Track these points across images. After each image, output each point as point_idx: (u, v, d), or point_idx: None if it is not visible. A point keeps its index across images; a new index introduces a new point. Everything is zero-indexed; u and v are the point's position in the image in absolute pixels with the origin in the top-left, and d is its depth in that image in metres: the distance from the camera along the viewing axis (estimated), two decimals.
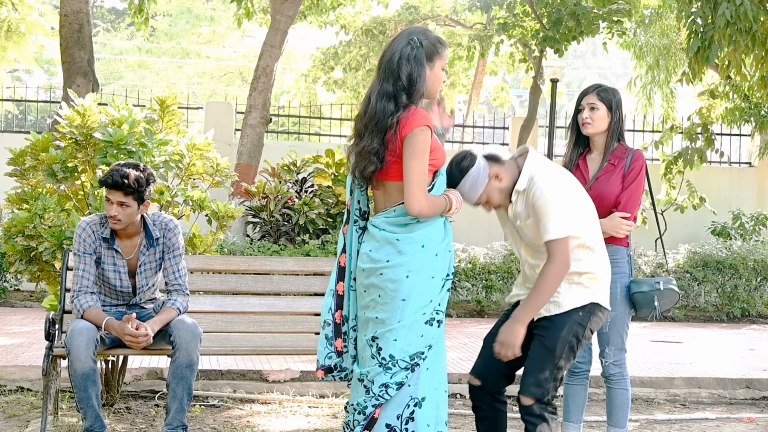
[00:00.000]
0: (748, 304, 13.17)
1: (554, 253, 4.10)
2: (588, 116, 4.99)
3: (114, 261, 5.18)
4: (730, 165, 18.80)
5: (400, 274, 3.94)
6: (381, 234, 4.05)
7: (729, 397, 7.65)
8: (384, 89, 4.06)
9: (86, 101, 6.41)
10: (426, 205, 3.92)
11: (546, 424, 4.15)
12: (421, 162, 3.92)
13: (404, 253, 3.97)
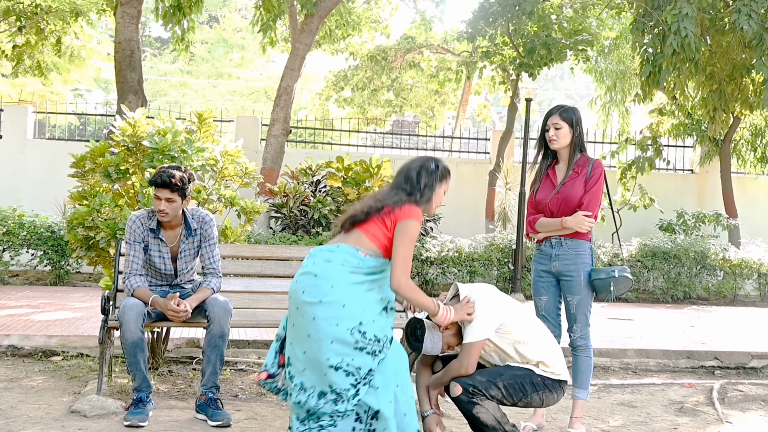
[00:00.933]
0: (690, 288, 13.19)
1: (463, 355, 4.24)
2: (554, 134, 5.03)
3: (159, 248, 5.26)
4: (675, 171, 18.80)
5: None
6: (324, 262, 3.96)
7: (673, 366, 7.66)
8: (400, 185, 4.18)
9: (136, 115, 6.45)
10: (405, 285, 3.91)
11: (477, 399, 4.17)
12: (409, 248, 3.97)
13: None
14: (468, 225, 16.22)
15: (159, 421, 5.01)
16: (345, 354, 3.74)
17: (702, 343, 8.44)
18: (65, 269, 12.03)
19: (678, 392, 6.55)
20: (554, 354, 4.35)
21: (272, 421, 5.09)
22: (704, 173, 18.08)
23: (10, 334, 7.23)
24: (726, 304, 13.19)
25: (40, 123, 18.00)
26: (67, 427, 4.79)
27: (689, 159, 19.04)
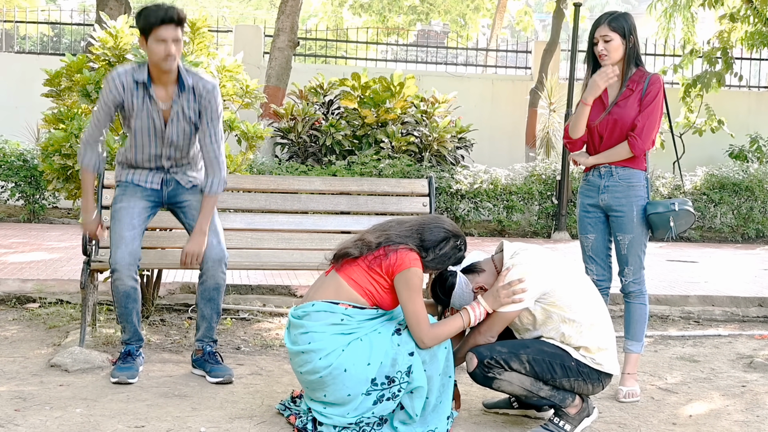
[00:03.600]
0: (763, 226, 13.15)
1: (490, 322, 4.27)
2: (603, 48, 4.95)
3: (148, 108, 4.85)
4: (749, 89, 18.58)
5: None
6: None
7: (742, 315, 7.67)
8: (418, 234, 4.25)
9: (118, 23, 6.41)
10: (431, 340, 4.09)
11: (494, 372, 4.20)
12: (419, 301, 4.09)
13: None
14: (505, 152, 16.14)
15: (150, 376, 5.06)
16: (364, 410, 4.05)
17: None
18: (40, 204, 12.10)
19: (747, 345, 6.54)
20: (606, 341, 4.30)
21: (279, 377, 5.15)
22: None
23: None
24: None
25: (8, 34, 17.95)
26: (47, 382, 4.85)
27: (766, 74, 18.78)
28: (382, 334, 4.10)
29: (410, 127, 12.75)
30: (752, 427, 4.58)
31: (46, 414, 4.30)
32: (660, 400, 5.04)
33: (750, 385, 5.41)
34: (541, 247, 4.53)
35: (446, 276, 4.35)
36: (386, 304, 4.20)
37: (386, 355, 4.06)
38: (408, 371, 4.07)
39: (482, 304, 4.21)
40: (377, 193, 6.18)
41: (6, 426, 4.10)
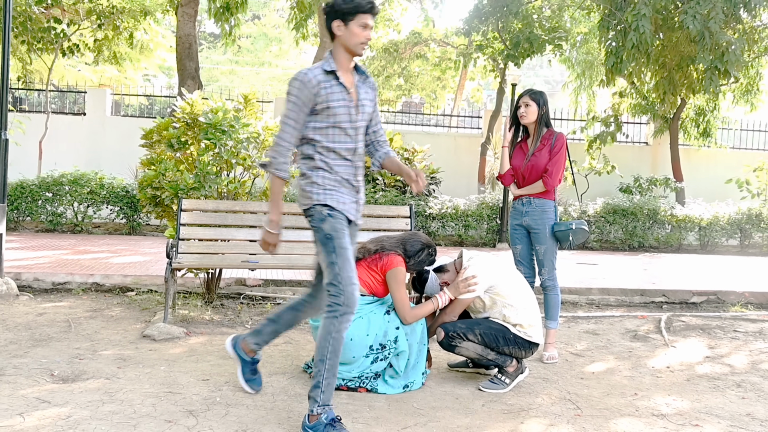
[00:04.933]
0: (643, 239, 13.18)
1: (452, 307, 4.30)
2: (524, 110, 5.07)
3: (343, 96, 3.52)
4: (633, 144, 18.66)
5: None
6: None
7: (628, 302, 7.69)
8: (403, 245, 4.28)
9: (194, 96, 6.43)
10: (411, 319, 4.12)
11: (456, 342, 4.22)
12: (403, 290, 4.13)
13: None
14: (463, 187, 16.15)
15: (213, 343, 5.05)
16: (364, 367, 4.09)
17: (652, 283, 8.46)
18: (137, 222, 12.10)
19: (632, 323, 6.57)
20: (534, 320, 4.31)
21: (304, 345, 5.14)
22: (656, 145, 17.95)
23: (94, 273, 7.29)
24: (672, 252, 13.18)
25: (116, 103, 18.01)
26: (140, 348, 4.84)
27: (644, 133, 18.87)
28: (377, 314, 4.10)
29: None
30: (636, 380, 4.60)
31: (139, 370, 4.29)
32: (572, 361, 5.05)
33: (634, 351, 5.44)
34: (489, 254, 4.57)
35: (422, 273, 4.39)
36: (380, 293, 4.20)
37: (380, 328, 4.05)
38: (395, 340, 4.07)
39: (447, 293, 4.23)
40: (374, 215, 6.17)
41: (111, 378, 4.09)
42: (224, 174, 6.41)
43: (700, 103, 16.36)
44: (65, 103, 17.97)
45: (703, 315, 7.02)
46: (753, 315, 7.10)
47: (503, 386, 4.23)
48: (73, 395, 3.78)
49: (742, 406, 4.12)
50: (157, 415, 3.53)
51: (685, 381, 4.63)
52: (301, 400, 3.86)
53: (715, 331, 6.29)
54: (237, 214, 5.99)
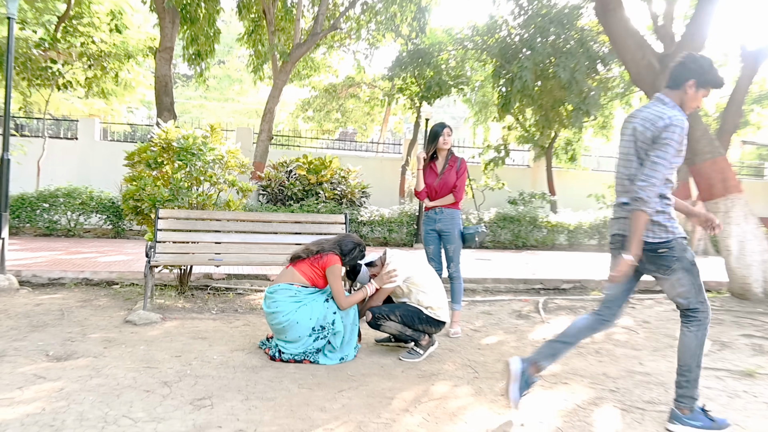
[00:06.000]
0: (526, 240, 13.47)
1: (378, 294, 4.31)
2: (447, 139, 5.08)
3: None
4: (518, 166, 19.14)
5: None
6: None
7: (515, 288, 7.82)
8: (338, 244, 4.26)
9: (169, 125, 6.26)
10: (346, 305, 4.09)
11: (381, 321, 4.23)
12: (340, 283, 4.12)
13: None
14: (387, 200, 16.25)
15: (185, 326, 4.91)
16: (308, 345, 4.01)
17: (533, 274, 8.62)
18: (121, 227, 11.66)
19: (518, 305, 6.68)
20: (441, 303, 4.34)
21: (260, 327, 5.05)
22: (536, 167, 18.47)
23: (84, 270, 6.99)
24: (548, 250, 13.50)
25: (104, 130, 17.35)
26: (123, 331, 4.67)
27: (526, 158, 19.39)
28: (318, 301, 4.07)
29: (335, 185, 12.72)
30: (520, 349, 4.68)
31: (122, 350, 4.14)
32: (471, 335, 5.11)
33: (519, 327, 5.54)
34: (407, 252, 4.57)
35: (355, 267, 4.38)
36: (320, 285, 4.17)
37: (320, 313, 4.03)
38: (333, 322, 4.05)
39: (374, 284, 4.24)
40: (316, 222, 6.14)
41: (98, 357, 3.93)
42: (194, 188, 6.26)
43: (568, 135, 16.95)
44: (60, 130, 17.18)
45: (571, 298, 7.20)
46: None
47: (418, 356, 4.26)
48: (65, 371, 3.61)
49: (599, 367, 4.26)
50: (137, 386, 3.41)
51: None
52: (257, 371, 3.80)
53: (579, 310, 6.46)
54: (205, 221, 5.87)
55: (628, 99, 16.11)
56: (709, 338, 5.22)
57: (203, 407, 3.15)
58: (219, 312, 5.60)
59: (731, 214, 7.18)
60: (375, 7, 15.04)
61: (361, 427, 2.99)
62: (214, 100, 37.05)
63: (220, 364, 3.90)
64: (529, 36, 13.49)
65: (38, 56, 13.55)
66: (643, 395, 3.66)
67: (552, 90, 13.85)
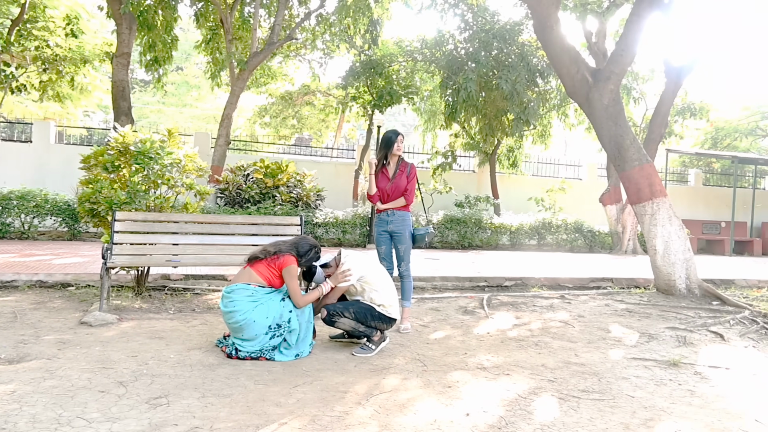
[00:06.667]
0: (471, 240, 13.66)
1: (333, 292, 4.29)
2: (400, 146, 5.09)
3: None
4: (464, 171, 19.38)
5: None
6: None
7: (461, 286, 7.86)
8: (295, 246, 4.21)
9: (126, 129, 6.06)
10: (302, 304, 4.05)
11: (335, 318, 4.23)
12: (296, 282, 4.06)
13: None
14: (342, 202, 16.18)
15: (143, 326, 4.76)
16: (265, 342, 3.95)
17: (478, 272, 8.69)
18: (77, 230, 11.24)
19: (464, 301, 6.74)
20: (393, 301, 4.34)
21: (217, 326, 4.94)
22: (480, 172, 18.73)
23: (38, 272, 6.68)
24: (492, 249, 13.72)
25: (60, 133, 16.65)
26: (78, 333, 4.48)
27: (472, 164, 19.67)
28: (274, 300, 4.02)
29: (291, 188, 12.59)
30: (466, 343, 4.73)
31: (77, 351, 3.97)
32: (420, 331, 5.13)
33: (465, 322, 5.60)
34: (360, 252, 4.57)
35: (311, 268, 4.34)
36: (277, 285, 4.12)
37: (277, 311, 3.97)
38: (288, 320, 4.00)
39: (329, 283, 4.21)
40: (273, 223, 6.06)
41: (52, 359, 3.76)
42: (152, 191, 6.09)
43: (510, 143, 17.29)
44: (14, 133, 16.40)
45: (513, 294, 7.31)
46: (546, 294, 7.49)
47: (370, 351, 4.26)
48: (18, 374, 3.44)
49: (538, 359, 4.35)
50: (92, 387, 3.27)
51: (500, 343, 4.81)
52: (214, 368, 3.71)
53: (520, 306, 6.56)
54: (162, 223, 5.71)
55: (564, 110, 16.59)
56: (637, 330, 5.41)
57: (159, 406, 3.06)
58: (176, 312, 5.45)
59: (657, 216, 7.46)
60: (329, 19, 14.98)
61: (315, 420, 2.96)
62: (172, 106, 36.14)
63: (176, 363, 3.79)
64: (474, 50, 13.71)
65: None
66: (579, 384, 3.75)
67: (495, 100, 14.12)
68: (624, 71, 7.76)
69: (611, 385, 3.73)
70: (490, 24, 13.96)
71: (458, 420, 3.07)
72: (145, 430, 2.74)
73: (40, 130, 15.53)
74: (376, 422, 2.98)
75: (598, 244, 14.84)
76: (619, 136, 7.59)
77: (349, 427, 2.89)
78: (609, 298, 7.26)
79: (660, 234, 7.42)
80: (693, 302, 6.87)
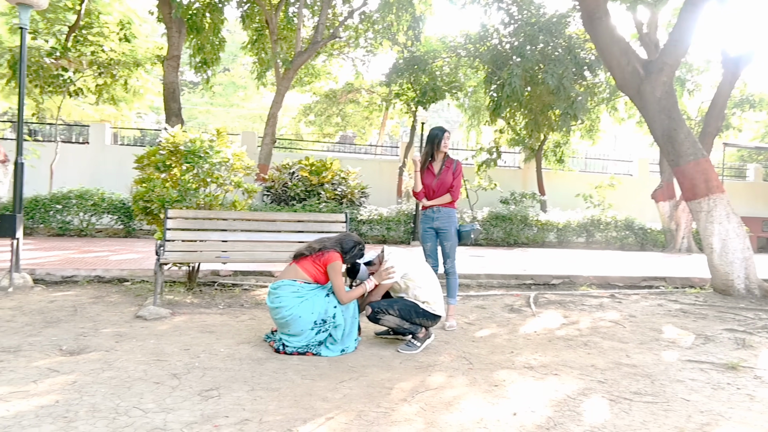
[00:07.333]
0: (517, 238, 13.49)
1: (377, 290, 4.30)
2: (446, 143, 5.06)
3: None
4: (509, 168, 19.14)
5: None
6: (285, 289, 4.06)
7: (507, 284, 7.80)
8: (340, 243, 4.24)
9: (176, 130, 6.24)
10: (346, 300, 4.08)
11: (380, 315, 4.23)
12: (340, 279, 4.09)
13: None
14: (386, 200, 16.24)
15: (194, 320, 4.90)
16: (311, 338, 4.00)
17: (524, 270, 8.59)
18: (132, 227, 11.65)
19: (510, 299, 6.68)
20: (437, 298, 4.32)
21: (265, 320, 5.04)
22: (526, 169, 18.47)
23: (96, 268, 6.97)
24: (538, 247, 13.53)
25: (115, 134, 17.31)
26: (134, 326, 4.65)
27: (517, 160, 19.40)
28: (319, 296, 4.06)
29: (336, 186, 12.71)
30: (512, 342, 4.68)
31: (133, 344, 4.12)
32: (466, 329, 5.11)
33: (511, 321, 5.54)
34: (404, 249, 4.57)
35: (355, 265, 4.37)
36: (322, 281, 4.17)
37: (322, 307, 4.02)
38: (334, 316, 4.04)
39: (373, 280, 4.23)
40: (318, 221, 6.13)
41: (110, 351, 3.92)
42: (201, 190, 6.25)
43: (557, 138, 16.97)
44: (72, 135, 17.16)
45: (560, 293, 7.21)
46: (595, 293, 7.35)
47: (415, 348, 4.26)
48: (78, 365, 3.60)
49: (587, 359, 4.26)
50: (147, 378, 3.40)
51: (547, 342, 4.74)
52: (262, 363, 3.79)
53: (568, 304, 6.46)
54: (212, 220, 5.86)
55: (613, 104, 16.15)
56: (693, 332, 5.23)
57: (211, 398, 3.15)
58: (226, 307, 5.59)
59: (714, 213, 7.19)
60: (372, 17, 15.03)
61: (361, 416, 2.99)
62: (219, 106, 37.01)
63: (226, 357, 3.89)
64: (519, 44, 13.50)
65: (50, 64, 13.51)
66: (630, 386, 3.65)
67: (541, 95, 13.86)
68: (677, 62, 7.50)
69: (665, 388, 3.62)
70: (536, 17, 13.70)
71: (505, 419, 3.04)
72: (198, 421, 2.82)
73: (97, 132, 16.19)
74: (421, 419, 2.98)
75: (650, 242, 14.41)
76: (673, 129, 7.34)
77: (395, 423, 2.90)
78: (662, 297, 7.04)
79: (717, 232, 7.14)
80: (752, 303, 6.59)
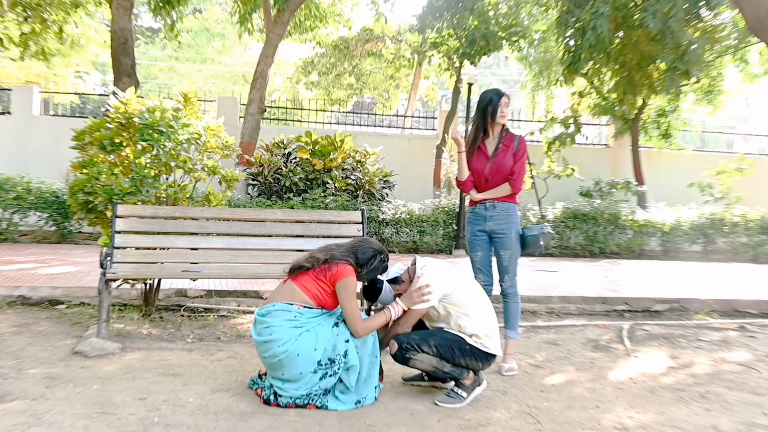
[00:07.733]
0: (604, 245, 13.37)
1: (406, 318, 4.28)
2: (505, 111, 5.03)
3: None
4: (593, 146, 18.96)
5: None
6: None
7: (590, 310, 7.76)
8: (353, 252, 4.26)
9: (128, 95, 6.31)
10: (363, 332, 4.08)
11: (410, 354, 4.21)
12: (354, 302, 4.08)
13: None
14: (418, 191, 16.22)
15: (152, 359, 4.95)
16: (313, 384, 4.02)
17: (614, 291, 8.54)
18: (68, 229, 11.83)
19: (594, 332, 6.63)
20: (491, 330, 4.31)
21: (250, 360, 5.07)
22: (617, 147, 18.27)
23: (20, 285, 7.09)
24: (634, 258, 13.37)
25: (45, 101, 17.61)
26: (71, 365, 4.72)
27: (604, 135, 19.21)
28: (325, 326, 4.07)
29: (348, 172, 12.74)
30: (597, 392, 4.64)
31: (69, 390, 4.19)
32: (531, 373, 5.07)
33: (596, 362, 5.49)
34: (444, 261, 4.55)
35: (375, 283, 4.37)
36: (328, 305, 4.17)
37: (328, 342, 4.02)
38: (345, 354, 4.05)
39: (400, 304, 4.23)
40: (324, 221, 6.15)
41: (38, 399, 3.98)
42: (163, 178, 6.31)
43: (660, 103, 16.75)
44: None
45: (666, 323, 7.12)
46: (717, 323, 7.25)
47: (460, 400, 4.24)
48: None
49: (706, 418, 4.19)
50: None
51: (648, 392, 4.68)
52: (246, 419, 3.81)
53: (678, 340, 6.38)
54: (177, 220, 5.91)
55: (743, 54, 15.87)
56: None
57: None
58: (196, 340, 5.63)
59: None
60: None
61: None
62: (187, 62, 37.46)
63: (197, 410, 3.91)
64: None
65: None
66: None
67: (638, 43, 13.70)
68: None
69: None
70: None
71: None
72: None
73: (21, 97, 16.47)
74: None
75: None
76: None
77: None
78: None
79: None
80: None
